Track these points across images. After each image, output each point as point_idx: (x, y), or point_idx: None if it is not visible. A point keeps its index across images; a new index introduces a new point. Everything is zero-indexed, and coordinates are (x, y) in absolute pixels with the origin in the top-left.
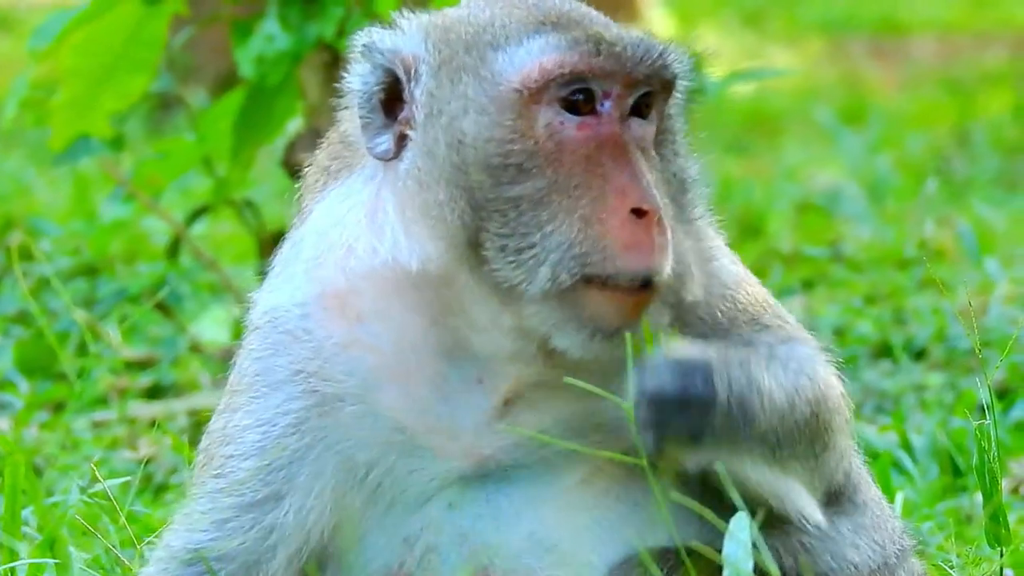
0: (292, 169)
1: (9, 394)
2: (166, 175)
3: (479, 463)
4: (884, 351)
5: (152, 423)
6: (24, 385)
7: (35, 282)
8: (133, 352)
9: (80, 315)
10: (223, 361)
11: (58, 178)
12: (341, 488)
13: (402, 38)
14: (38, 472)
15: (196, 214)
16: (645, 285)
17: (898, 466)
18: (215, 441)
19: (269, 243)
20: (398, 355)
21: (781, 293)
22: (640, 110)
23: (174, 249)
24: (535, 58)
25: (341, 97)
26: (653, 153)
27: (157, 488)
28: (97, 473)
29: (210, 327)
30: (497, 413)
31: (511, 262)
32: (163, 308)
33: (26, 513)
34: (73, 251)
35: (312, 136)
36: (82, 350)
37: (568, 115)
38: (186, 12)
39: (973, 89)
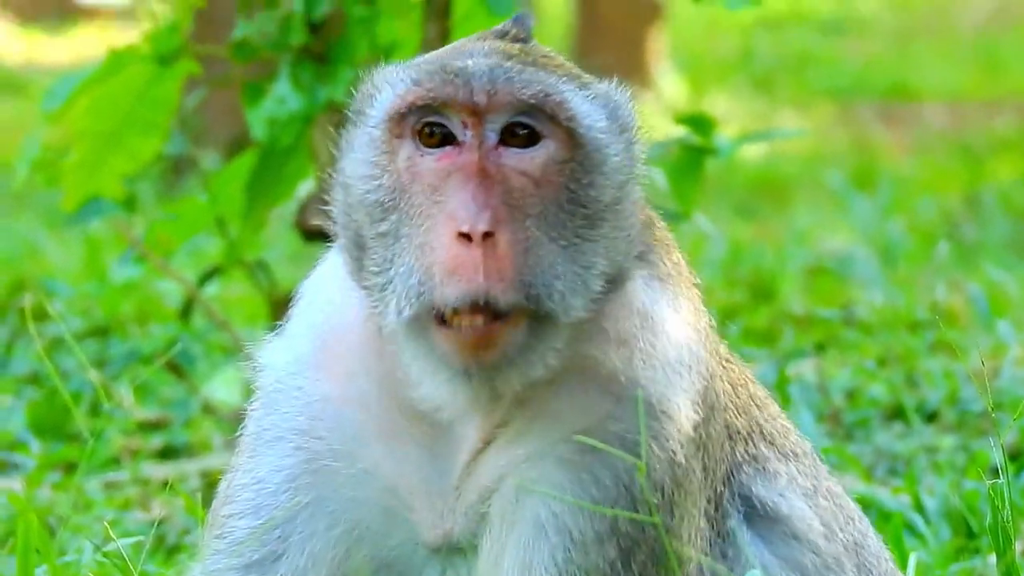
0: (304, 231)
1: (22, 454)
2: (178, 236)
3: (446, 538)
4: (896, 413)
5: (164, 484)
6: (36, 445)
7: (47, 343)
8: (145, 413)
9: (93, 376)
10: (235, 422)
11: (69, 239)
12: (336, 550)
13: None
14: (51, 532)
15: (208, 275)
16: (485, 312)
17: (911, 528)
18: (219, 502)
19: (281, 305)
20: (385, 413)
21: (793, 356)
22: (519, 139)
23: (186, 310)
24: (393, 93)
25: None
26: (545, 180)
27: (170, 549)
28: (111, 533)
29: (222, 388)
30: (462, 476)
31: (375, 300)
32: (175, 369)
33: (39, 573)
34: (85, 312)
35: (324, 198)
36: (94, 411)
37: (427, 149)
38: (198, 74)
39: (983, 154)
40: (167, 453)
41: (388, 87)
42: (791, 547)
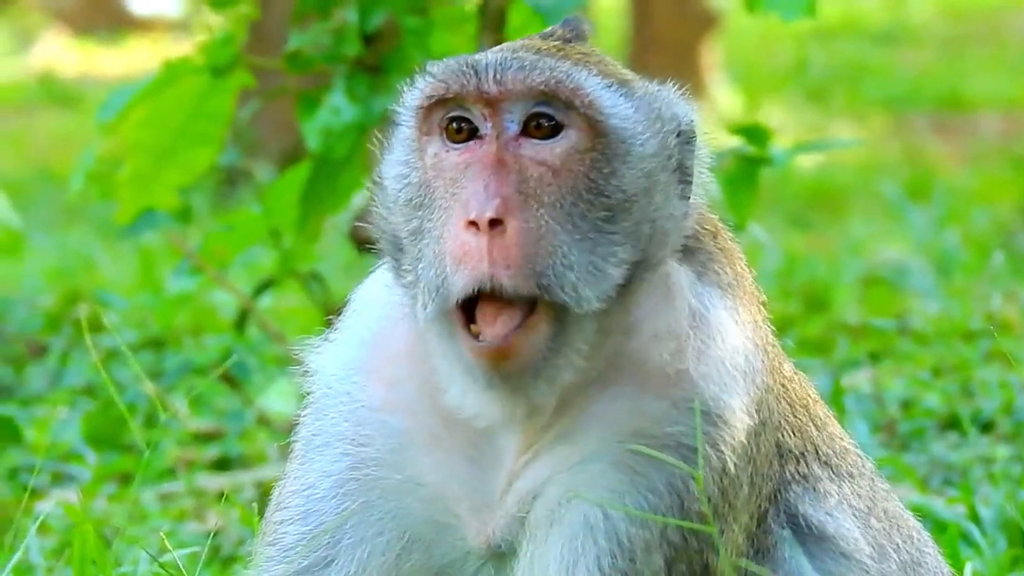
0: (358, 241)
1: (77, 466)
2: (232, 248)
3: (490, 543)
4: (952, 423)
5: (219, 495)
6: (92, 457)
7: (103, 355)
8: (200, 424)
9: (148, 387)
10: (290, 433)
11: (124, 251)
12: (386, 557)
13: None
14: (107, 543)
15: (262, 287)
16: (494, 299)
17: (966, 538)
18: (271, 509)
19: (335, 315)
20: (429, 420)
21: (848, 366)
22: (543, 130)
23: (241, 322)
24: (416, 89)
25: None
26: (565, 170)
27: (225, 559)
28: (167, 543)
29: (277, 399)
30: (505, 485)
31: (409, 300)
32: (230, 380)
33: None
34: (140, 324)
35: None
36: (150, 422)
37: (453, 144)
38: (252, 85)
39: None
40: (222, 464)
41: (415, 85)
42: (839, 565)
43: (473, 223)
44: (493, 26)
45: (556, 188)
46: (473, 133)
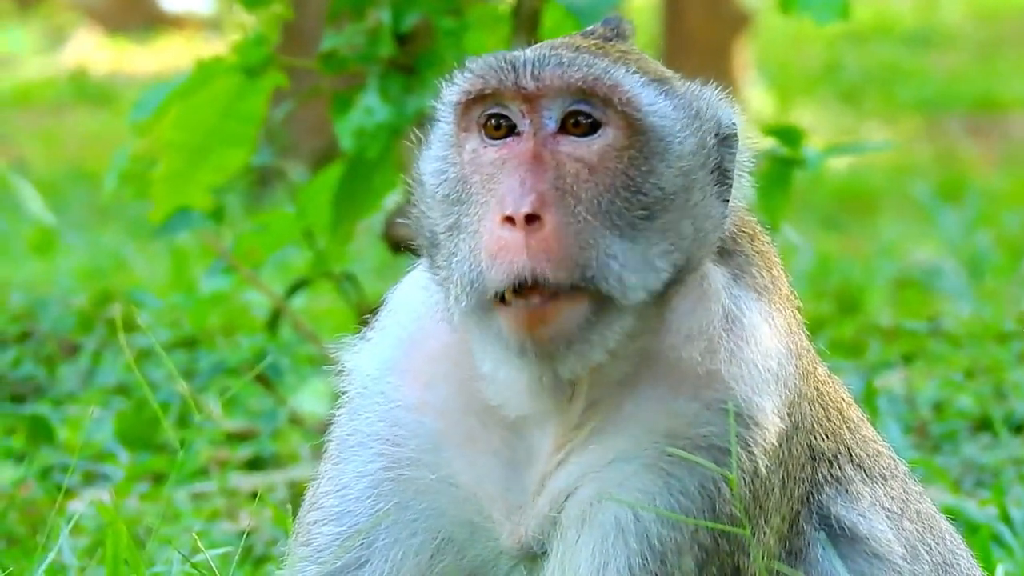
0: (392, 242)
1: (110, 465)
2: (266, 248)
3: (522, 544)
4: (984, 425)
5: (252, 495)
6: (125, 456)
7: (135, 354)
8: (233, 424)
9: (181, 387)
10: (322, 433)
11: (157, 251)
12: (420, 558)
13: None
14: (139, 543)
15: (296, 287)
16: (537, 291)
17: (998, 540)
18: (304, 509)
19: (370, 316)
20: (464, 420)
21: (880, 368)
22: (581, 128)
23: (274, 322)
24: (455, 85)
25: None
26: (602, 167)
27: (257, 559)
28: (199, 543)
29: (310, 399)
30: (538, 485)
31: (444, 295)
32: (263, 380)
33: None
34: (173, 324)
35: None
36: (183, 422)
37: (491, 141)
38: (286, 86)
39: None
40: (255, 464)
41: (455, 81)
42: (872, 565)
43: (509, 219)
44: (527, 27)
45: (593, 185)
46: (511, 130)
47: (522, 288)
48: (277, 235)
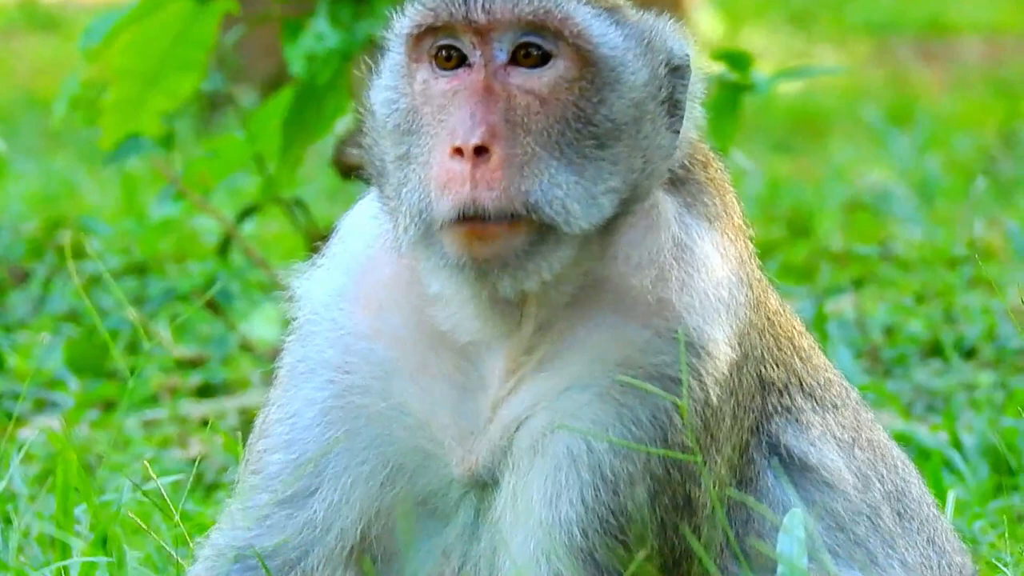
0: (342, 168)
1: (60, 392)
2: (216, 174)
3: (473, 472)
4: (934, 350)
5: (203, 422)
6: (75, 383)
7: (85, 281)
8: (183, 351)
9: (131, 314)
10: (273, 359)
11: (107, 177)
12: (370, 486)
13: None
14: (90, 471)
15: (246, 213)
16: (478, 221)
17: (949, 465)
18: (254, 436)
19: (321, 242)
20: (415, 347)
21: (831, 292)
22: (531, 59)
23: (224, 248)
24: (407, 17)
25: None
26: (553, 98)
27: (208, 487)
28: (150, 471)
29: (260, 325)
30: (489, 413)
31: (392, 224)
32: (213, 307)
33: (79, 511)
34: (123, 250)
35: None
36: (133, 349)
37: (442, 72)
38: (236, 11)
39: (1020, 89)
40: (205, 391)
41: (405, 13)
42: (823, 493)
43: (459, 150)
44: None
45: (544, 116)
46: (462, 61)
47: (466, 218)
48: (227, 161)
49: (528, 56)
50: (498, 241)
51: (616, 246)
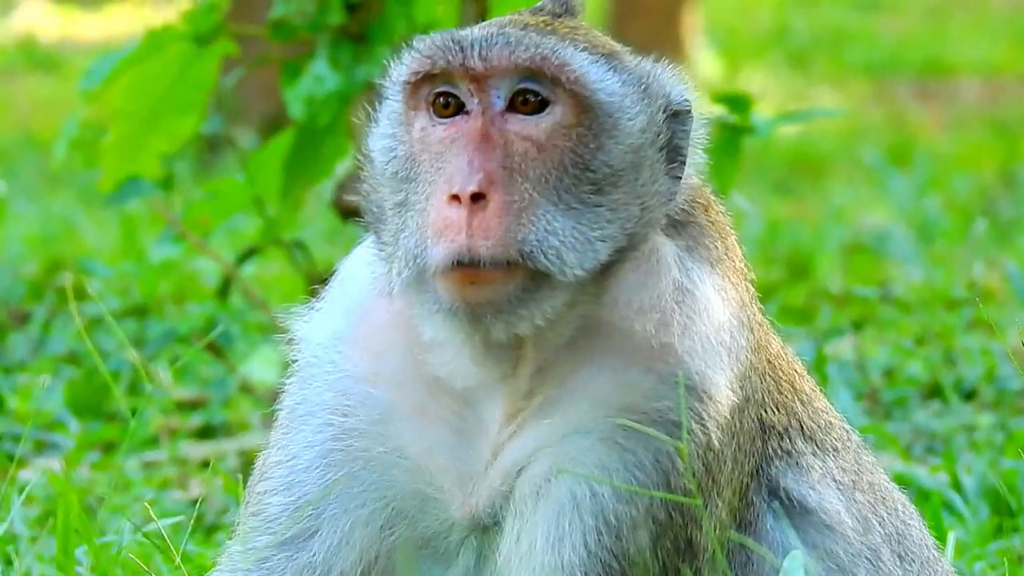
0: (341, 210)
1: (60, 434)
2: (216, 216)
3: (474, 516)
4: (934, 392)
5: (203, 463)
6: (75, 425)
7: (86, 322)
8: (184, 392)
9: (131, 355)
10: (273, 401)
11: (107, 219)
12: (370, 529)
13: None
14: (90, 512)
15: (246, 255)
16: (472, 269)
17: (949, 507)
18: (254, 479)
19: (319, 283)
20: (413, 391)
21: (830, 334)
22: (529, 106)
23: (224, 289)
24: (404, 64)
25: None
26: (551, 145)
27: (209, 528)
28: (151, 512)
29: (260, 367)
30: (489, 457)
31: (387, 268)
32: (213, 348)
33: (79, 553)
34: (122, 292)
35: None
36: (133, 390)
37: (440, 119)
38: (235, 53)
39: (1019, 130)
40: (205, 432)
41: (402, 60)
42: (823, 536)
43: (456, 197)
44: None
45: (541, 163)
46: (460, 108)
47: (460, 264)
48: (227, 202)
49: (526, 103)
50: (492, 287)
51: (615, 290)
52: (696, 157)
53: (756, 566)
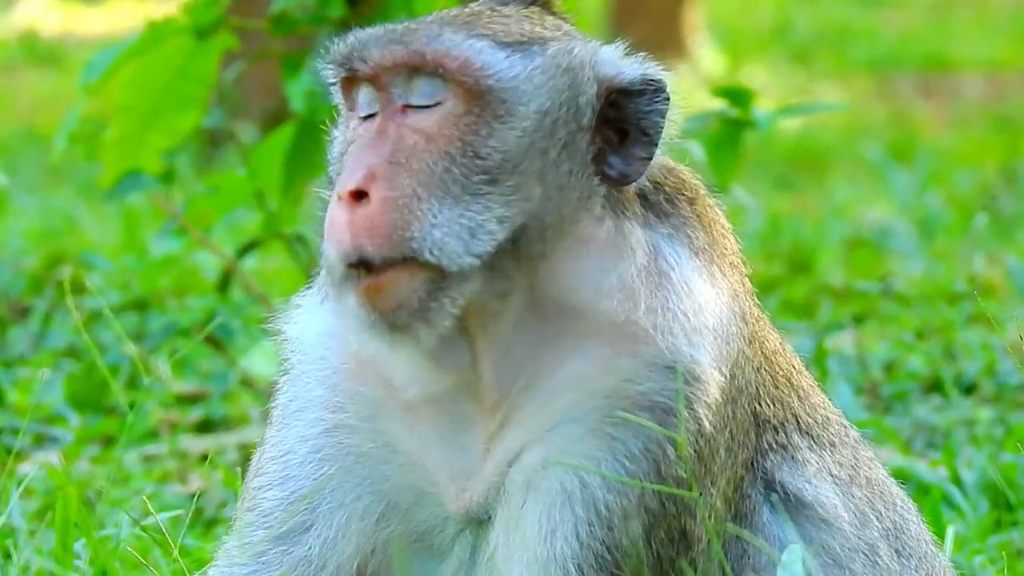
0: None
1: (60, 428)
2: (217, 210)
3: (468, 510)
4: (934, 386)
5: (203, 457)
6: (75, 419)
7: (85, 316)
8: (183, 386)
9: (131, 349)
10: (272, 395)
11: (107, 213)
12: (365, 522)
13: None
14: (89, 506)
15: (246, 248)
16: (363, 268)
17: (948, 501)
18: (250, 474)
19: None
20: (405, 385)
21: (831, 328)
22: (426, 100)
23: (224, 283)
24: (327, 72)
25: None
26: (440, 135)
27: (208, 522)
28: (149, 506)
29: (260, 361)
30: (483, 450)
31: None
32: (213, 342)
33: (78, 546)
34: (123, 286)
35: None
36: (133, 384)
37: (362, 119)
38: (236, 47)
39: (1021, 126)
40: (205, 426)
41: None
42: (820, 530)
43: (341, 196)
44: None
45: (428, 154)
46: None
47: (351, 265)
48: (228, 197)
49: (422, 96)
50: (396, 288)
51: (562, 273)
52: (658, 135)
53: (752, 559)
